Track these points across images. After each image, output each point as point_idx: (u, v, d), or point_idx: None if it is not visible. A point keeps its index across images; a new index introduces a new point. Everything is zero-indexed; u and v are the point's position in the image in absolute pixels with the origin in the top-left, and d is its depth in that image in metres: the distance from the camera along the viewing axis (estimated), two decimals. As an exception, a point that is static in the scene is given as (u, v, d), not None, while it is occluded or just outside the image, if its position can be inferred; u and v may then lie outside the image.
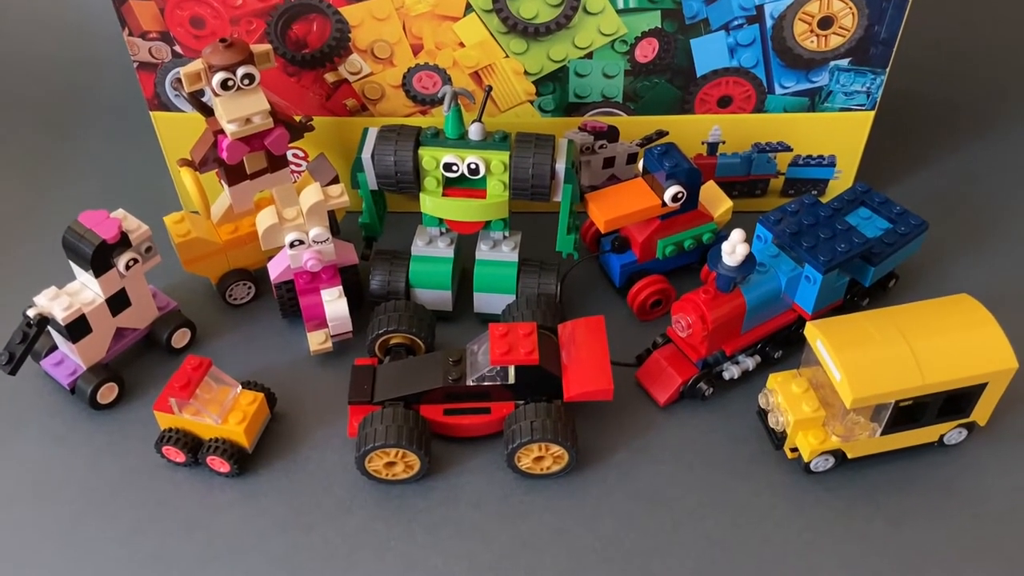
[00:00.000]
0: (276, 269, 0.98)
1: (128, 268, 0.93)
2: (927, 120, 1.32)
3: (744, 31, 1.00)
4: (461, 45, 1.01)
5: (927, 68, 1.37)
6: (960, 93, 1.36)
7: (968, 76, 1.39)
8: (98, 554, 0.85)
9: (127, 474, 0.91)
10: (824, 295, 0.93)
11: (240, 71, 0.91)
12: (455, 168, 0.94)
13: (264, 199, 1.04)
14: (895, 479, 0.90)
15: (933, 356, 0.83)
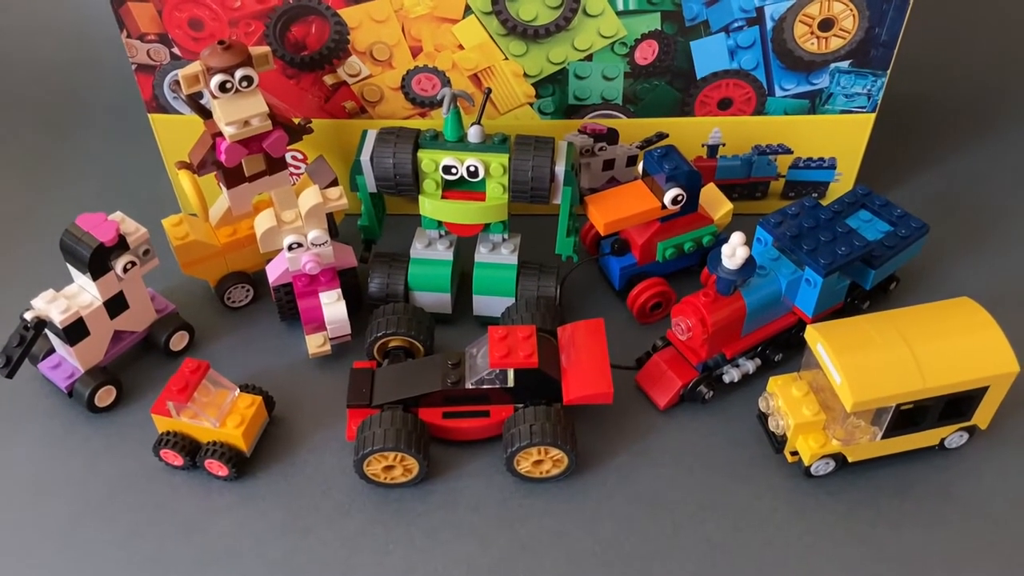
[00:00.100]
0: (274, 272, 0.98)
1: (126, 271, 0.93)
2: (928, 122, 1.31)
3: (744, 33, 1.00)
4: (460, 47, 1.01)
5: (928, 70, 1.37)
6: (961, 95, 1.36)
7: (969, 78, 1.39)
8: (96, 557, 0.85)
9: (125, 477, 0.91)
10: (824, 298, 0.93)
11: (238, 73, 0.91)
12: (454, 170, 0.94)
13: (263, 201, 1.04)
14: (896, 483, 0.90)
15: (934, 359, 0.82)
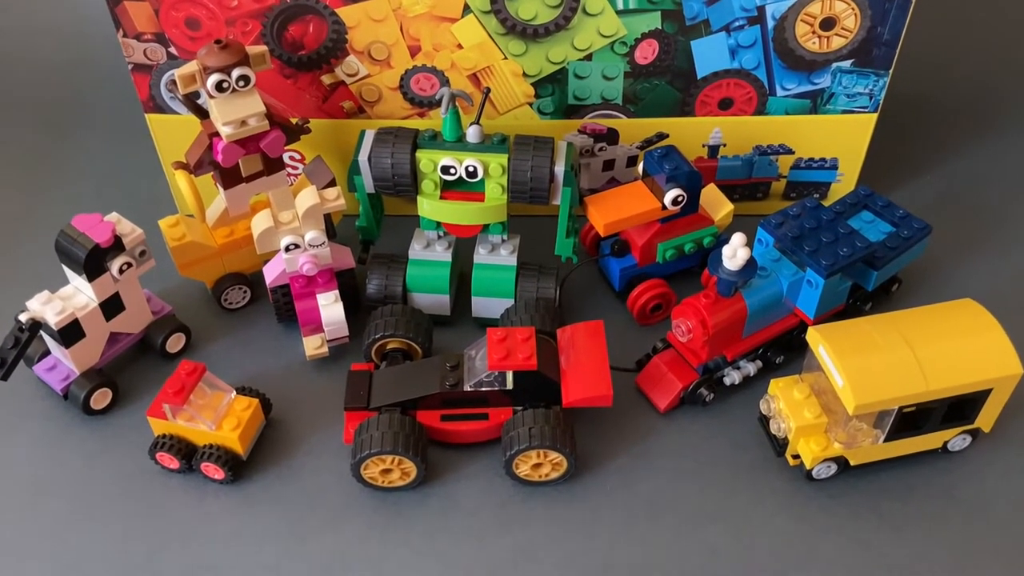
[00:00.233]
0: (272, 273, 0.98)
1: (122, 272, 0.92)
2: (930, 122, 1.31)
3: (745, 32, 1.00)
4: (459, 47, 1.01)
5: (931, 70, 1.37)
6: (964, 95, 1.36)
7: (972, 78, 1.39)
8: (90, 561, 0.85)
9: (120, 481, 0.90)
10: (826, 300, 0.92)
11: (235, 73, 0.91)
12: (453, 171, 0.93)
13: (260, 202, 1.04)
14: (898, 486, 0.89)
15: (937, 362, 0.82)
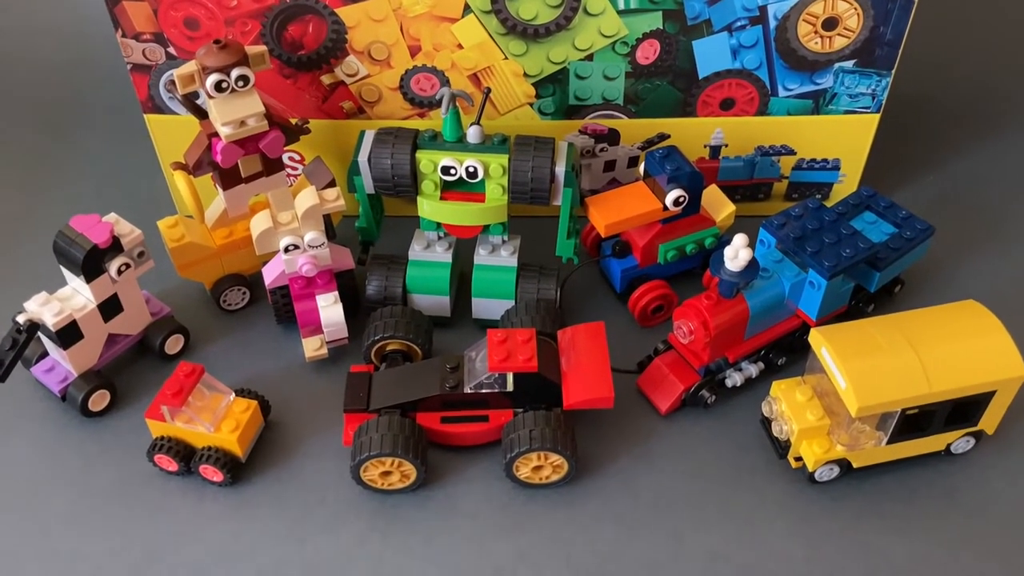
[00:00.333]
0: (271, 274, 0.97)
1: (120, 273, 0.92)
2: (933, 123, 1.31)
3: (747, 32, 0.99)
4: (459, 47, 1.00)
5: (933, 70, 1.36)
6: (967, 95, 1.35)
7: (975, 78, 1.38)
8: (88, 563, 0.84)
9: (119, 483, 0.90)
10: (829, 301, 0.92)
11: (234, 73, 0.90)
12: (453, 171, 0.93)
13: (260, 203, 1.03)
14: (901, 489, 0.89)
15: (940, 363, 0.82)
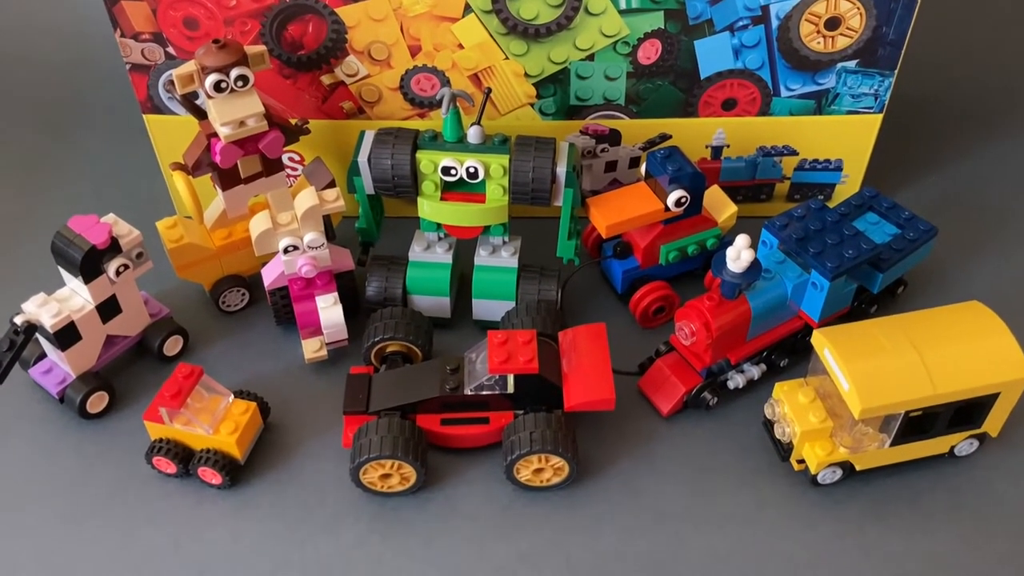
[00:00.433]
0: (270, 275, 0.97)
1: (118, 274, 0.91)
2: (936, 123, 1.30)
3: (749, 32, 0.99)
4: (460, 47, 1.00)
5: (936, 70, 1.36)
6: (970, 95, 1.35)
7: (978, 78, 1.38)
8: (86, 565, 0.84)
9: (117, 485, 0.90)
10: (831, 302, 0.92)
11: (234, 73, 0.90)
12: (453, 172, 0.92)
13: (259, 204, 1.03)
14: (904, 491, 0.89)
15: (944, 365, 0.81)
